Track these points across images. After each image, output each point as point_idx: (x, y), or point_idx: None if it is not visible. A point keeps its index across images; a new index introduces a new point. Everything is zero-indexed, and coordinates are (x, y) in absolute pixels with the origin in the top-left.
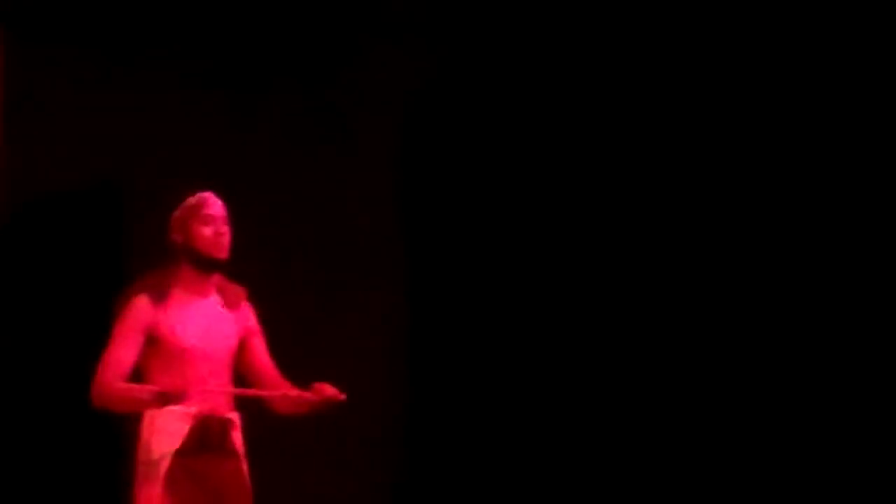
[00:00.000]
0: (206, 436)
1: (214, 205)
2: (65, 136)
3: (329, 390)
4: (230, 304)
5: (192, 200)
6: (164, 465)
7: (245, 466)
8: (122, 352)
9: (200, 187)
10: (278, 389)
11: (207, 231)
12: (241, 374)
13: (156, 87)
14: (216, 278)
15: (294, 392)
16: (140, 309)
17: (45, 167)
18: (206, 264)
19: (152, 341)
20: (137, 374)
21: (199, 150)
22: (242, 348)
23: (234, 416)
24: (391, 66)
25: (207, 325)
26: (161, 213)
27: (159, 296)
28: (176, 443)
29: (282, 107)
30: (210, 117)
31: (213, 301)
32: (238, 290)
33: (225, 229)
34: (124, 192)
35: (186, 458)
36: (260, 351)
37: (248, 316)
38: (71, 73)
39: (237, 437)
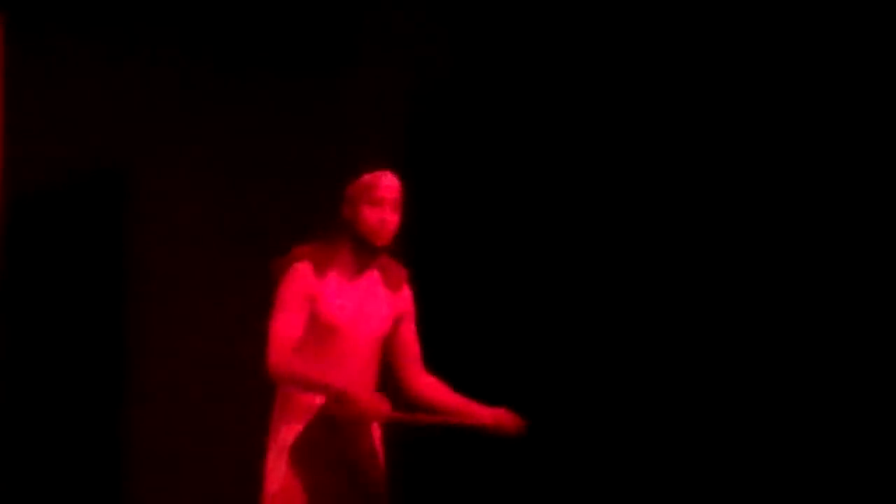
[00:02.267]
0: (337, 417)
1: (388, 187)
2: (65, 124)
3: (508, 420)
4: (391, 285)
5: (366, 178)
6: (291, 436)
7: (380, 447)
8: (292, 321)
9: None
10: (442, 398)
11: (374, 215)
12: (386, 354)
13: (157, 75)
14: (381, 257)
15: (472, 419)
16: (304, 276)
17: (45, 155)
18: (365, 247)
19: (309, 315)
20: None
21: (199, 137)
22: (394, 331)
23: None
24: (393, 67)
25: (362, 303)
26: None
27: (321, 266)
28: (304, 421)
29: (284, 99)
30: (211, 105)
31: (373, 279)
32: (401, 272)
33: (392, 216)
34: (124, 180)
35: (316, 436)
36: (409, 337)
37: (407, 299)
38: (71, 61)
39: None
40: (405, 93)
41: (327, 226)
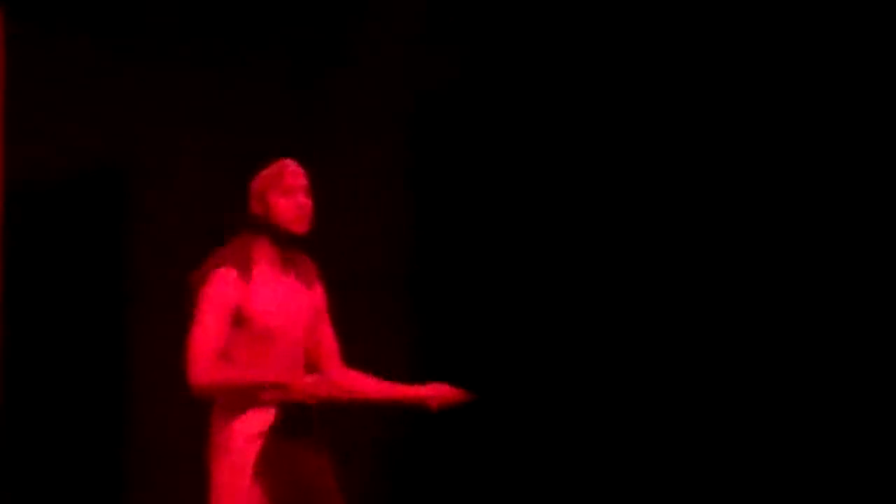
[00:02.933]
0: (294, 422)
1: (295, 173)
2: (65, 120)
3: (447, 391)
4: (305, 281)
5: (271, 168)
6: (252, 450)
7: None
8: (215, 331)
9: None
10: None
11: (287, 203)
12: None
13: (157, 74)
14: (293, 253)
15: (413, 395)
16: (227, 283)
17: (44, 154)
18: (285, 238)
19: (238, 319)
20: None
21: (200, 137)
22: (312, 328)
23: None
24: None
25: (288, 302)
26: (162, 197)
27: (245, 270)
28: (262, 427)
29: (287, 99)
30: (213, 104)
31: (292, 277)
32: (311, 266)
33: (306, 201)
34: (125, 176)
35: (276, 444)
36: (327, 333)
37: (321, 294)
38: (71, 59)
39: (322, 428)
40: (410, 94)
41: (237, 229)
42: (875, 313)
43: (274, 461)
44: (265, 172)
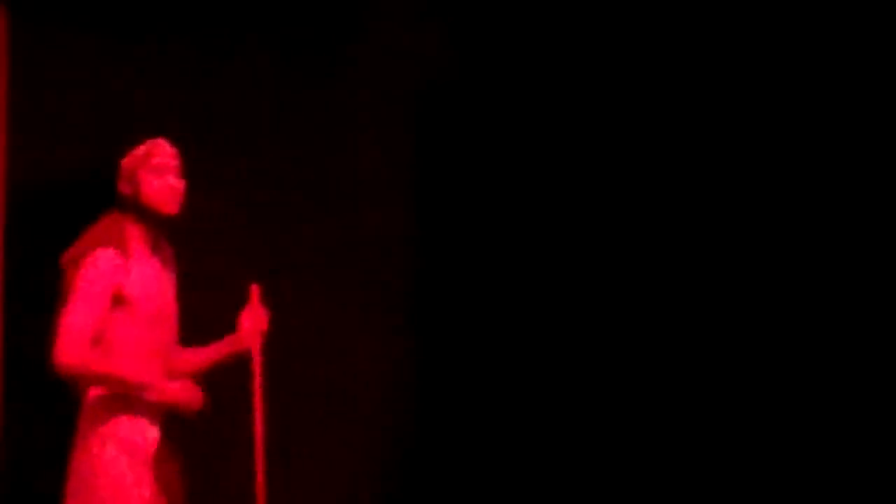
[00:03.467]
0: (182, 420)
1: (166, 153)
2: (70, 118)
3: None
4: (168, 263)
5: (142, 148)
6: (151, 446)
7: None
8: (91, 313)
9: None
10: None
11: (158, 183)
12: None
13: (163, 71)
14: (160, 233)
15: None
16: (108, 263)
17: (50, 149)
18: (156, 219)
19: (117, 300)
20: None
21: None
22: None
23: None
24: (403, 55)
25: (162, 282)
26: None
27: (123, 250)
28: (157, 423)
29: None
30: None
31: (165, 257)
32: (170, 249)
33: (177, 181)
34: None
35: (170, 440)
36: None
37: (175, 277)
38: (75, 56)
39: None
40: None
41: (108, 210)
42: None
43: (170, 451)
44: (135, 151)
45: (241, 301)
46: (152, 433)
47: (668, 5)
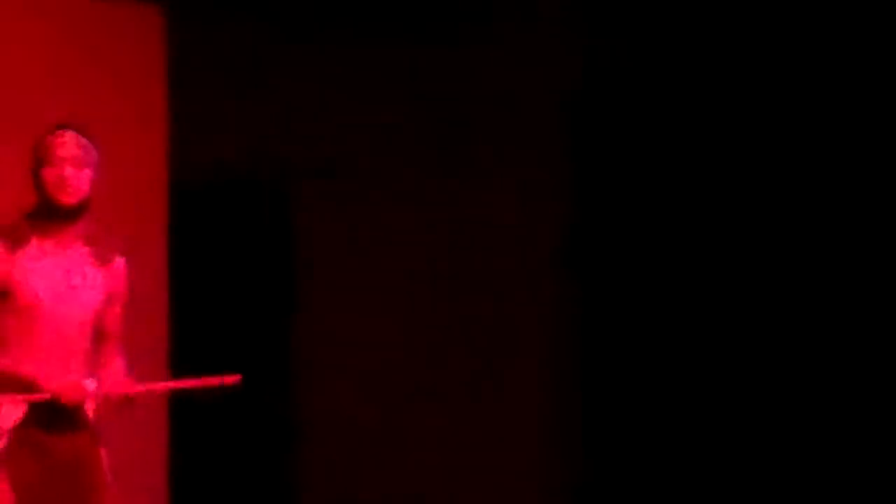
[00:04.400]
0: (53, 409)
1: (64, 144)
2: (229, 117)
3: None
4: (101, 260)
5: (44, 139)
6: (2, 441)
7: (99, 440)
8: None
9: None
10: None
11: (53, 173)
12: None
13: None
14: (86, 228)
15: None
16: None
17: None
18: (54, 210)
19: (3, 294)
20: None
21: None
22: (102, 310)
23: (92, 385)
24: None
25: (68, 280)
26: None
27: (15, 242)
28: (17, 416)
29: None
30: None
31: (79, 253)
32: (111, 245)
33: (72, 171)
34: (288, 173)
35: (30, 433)
36: (113, 318)
37: (119, 276)
38: (235, 57)
39: (91, 408)
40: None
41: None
42: None
43: (27, 449)
44: (41, 142)
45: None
46: (4, 431)
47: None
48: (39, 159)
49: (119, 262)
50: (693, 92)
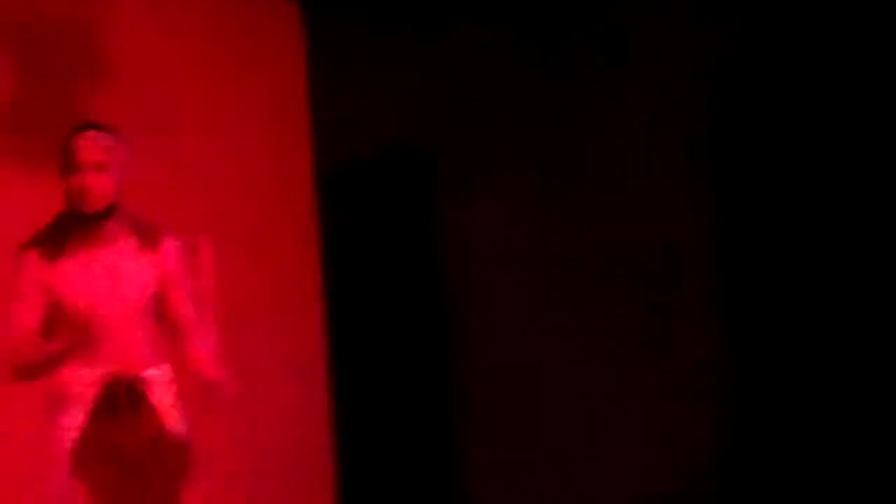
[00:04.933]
0: (113, 399)
1: (85, 149)
2: (371, 105)
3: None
4: (148, 246)
5: (66, 144)
6: (69, 444)
7: (173, 429)
8: (25, 315)
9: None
10: (191, 349)
11: (76, 182)
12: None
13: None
14: (125, 220)
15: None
16: (31, 268)
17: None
18: (80, 219)
19: (49, 304)
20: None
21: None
22: (161, 295)
23: (157, 373)
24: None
25: (110, 279)
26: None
27: (52, 252)
28: (81, 416)
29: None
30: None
31: (121, 247)
32: (153, 229)
33: (95, 178)
34: (434, 159)
35: (97, 432)
36: (177, 303)
37: (170, 259)
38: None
39: (160, 397)
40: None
41: None
42: None
43: (93, 448)
44: (63, 147)
45: (545, 292)
46: (73, 432)
47: None
48: (64, 164)
49: (168, 244)
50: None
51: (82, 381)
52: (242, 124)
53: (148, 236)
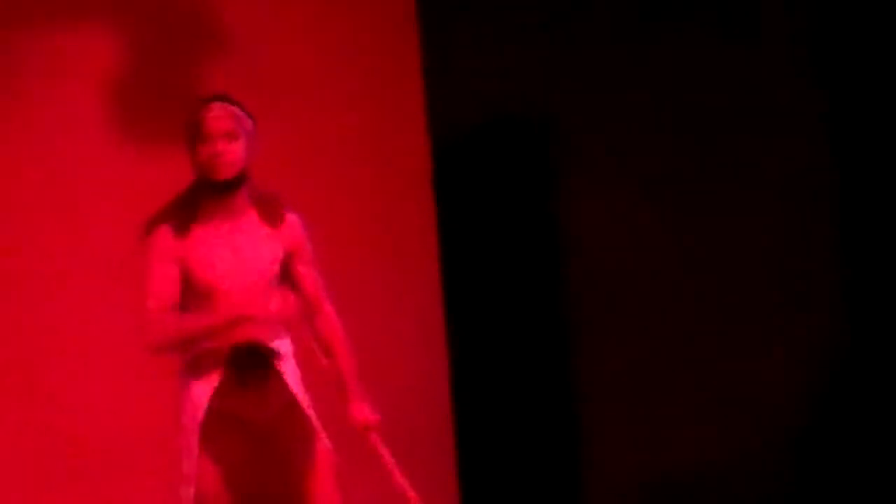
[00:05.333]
0: (242, 371)
1: (215, 118)
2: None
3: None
4: (271, 221)
5: (193, 116)
6: (199, 416)
7: (302, 401)
8: (163, 285)
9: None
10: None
11: (206, 150)
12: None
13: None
14: (251, 193)
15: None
16: (163, 242)
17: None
18: (211, 187)
19: (183, 276)
20: None
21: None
22: (286, 269)
23: (283, 345)
24: None
25: (240, 251)
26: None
27: (182, 224)
28: (210, 387)
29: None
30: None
31: (247, 221)
32: (277, 203)
33: (225, 146)
34: (555, 126)
35: (226, 405)
36: (303, 278)
37: (295, 233)
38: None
39: (288, 370)
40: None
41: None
42: None
43: (222, 423)
44: (190, 118)
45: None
46: (202, 403)
47: None
48: (192, 135)
49: (291, 218)
50: None
51: (212, 351)
52: (354, 91)
53: (272, 209)
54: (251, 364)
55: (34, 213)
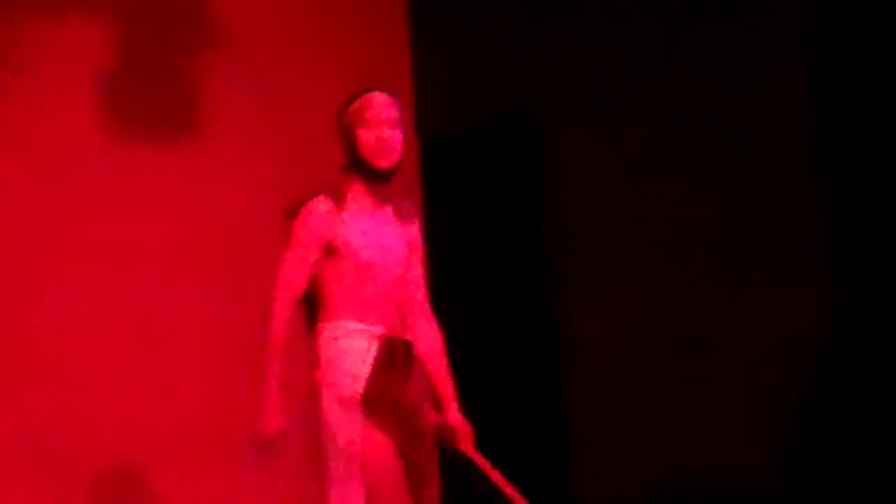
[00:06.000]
0: (392, 357)
1: (379, 106)
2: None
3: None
4: (402, 219)
5: (357, 102)
6: (360, 385)
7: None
8: (298, 272)
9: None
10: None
11: (370, 136)
12: None
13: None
14: (391, 188)
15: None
16: (321, 213)
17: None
18: (371, 173)
19: (331, 250)
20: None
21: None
22: (408, 266)
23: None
24: None
25: (381, 238)
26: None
27: (338, 201)
28: (367, 363)
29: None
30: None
31: (386, 213)
32: (410, 203)
33: (389, 133)
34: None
35: (376, 383)
36: (414, 280)
37: (416, 237)
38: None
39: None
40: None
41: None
42: None
43: (380, 394)
44: (352, 105)
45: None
46: (360, 380)
47: None
48: (352, 122)
49: (416, 222)
50: None
51: (359, 333)
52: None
53: (404, 208)
54: (401, 350)
55: (23, 204)
